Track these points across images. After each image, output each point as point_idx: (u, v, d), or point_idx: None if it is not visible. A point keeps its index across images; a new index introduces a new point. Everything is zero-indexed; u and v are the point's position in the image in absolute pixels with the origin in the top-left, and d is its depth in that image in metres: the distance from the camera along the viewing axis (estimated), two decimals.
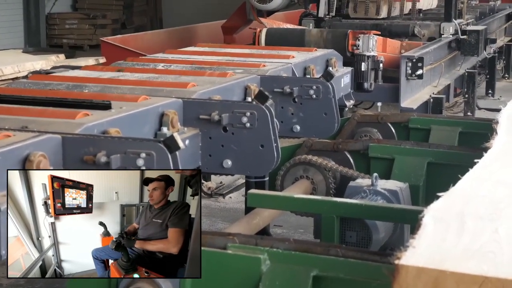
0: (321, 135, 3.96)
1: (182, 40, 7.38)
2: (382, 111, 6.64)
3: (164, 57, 4.53)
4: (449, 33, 7.20)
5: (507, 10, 11.61)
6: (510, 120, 3.48)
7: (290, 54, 4.61)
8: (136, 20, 17.60)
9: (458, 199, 2.30)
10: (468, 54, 7.40)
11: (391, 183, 3.36)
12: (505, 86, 11.41)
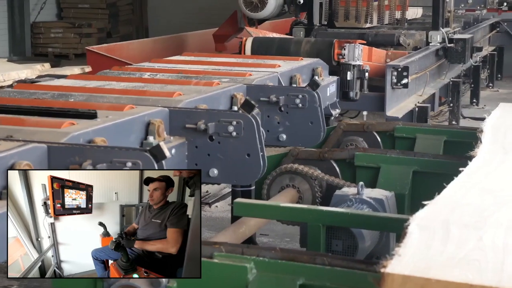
0: (307, 144, 3.97)
1: (168, 49, 7.38)
2: (368, 120, 6.66)
3: (150, 66, 4.53)
4: (436, 41, 7.33)
5: (490, 20, 11.70)
6: (495, 129, 3.50)
7: (276, 63, 4.62)
8: (121, 29, 17.58)
9: (443, 208, 2.31)
10: (455, 62, 7.55)
11: (376, 191, 3.37)
12: (489, 95, 11.47)
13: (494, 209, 2.29)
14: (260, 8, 7.20)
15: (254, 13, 7.24)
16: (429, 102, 6.89)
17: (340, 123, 4.46)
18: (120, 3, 17.56)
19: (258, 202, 3.37)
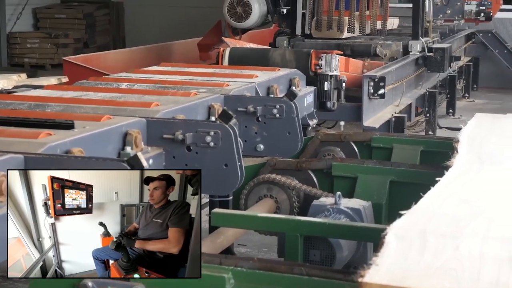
0: (284, 154, 3.97)
1: (145, 59, 7.37)
2: (345, 130, 6.68)
3: (127, 76, 4.52)
4: (416, 50, 7.44)
5: (466, 30, 11.80)
6: (471, 139, 3.53)
7: (253, 74, 4.63)
8: (98, 39, 17.53)
9: (420, 217, 2.32)
10: (434, 70, 7.68)
11: (354, 201, 3.38)
12: (465, 105, 11.56)
13: (470, 219, 2.31)
14: (245, 18, 7.28)
15: (239, 23, 7.32)
16: (406, 112, 6.93)
17: (317, 133, 4.47)
18: (97, 13, 17.51)
19: (236, 212, 3.36)
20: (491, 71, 13.30)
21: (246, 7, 7.27)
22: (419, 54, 7.46)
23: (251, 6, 7.27)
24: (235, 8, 7.30)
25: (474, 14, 10.93)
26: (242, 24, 7.33)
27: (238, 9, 7.29)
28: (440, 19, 10.82)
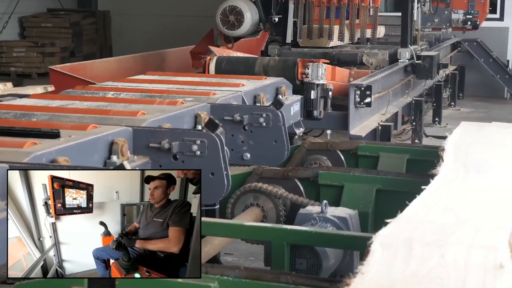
0: (271, 162, 3.98)
1: (132, 68, 7.37)
2: (332, 138, 6.70)
3: (113, 85, 4.51)
4: (405, 58, 7.60)
5: (452, 39, 11.86)
6: (456, 147, 3.54)
7: (240, 82, 4.63)
8: (85, 48, 17.49)
9: (405, 226, 2.33)
10: (423, 77, 7.85)
11: (340, 210, 3.38)
12: (451, 114, 11.60)
13: (455, 227, 2.31)
14: (237, 27, 7.40)
15: (231, 31, 7.44)
16: (392, 121, 6.96)
17: (304, 142, 4.47)
18: (83, 22, 17.48)
19: (223, 221, 3.36)
20: (477, 79, 13.36)
21: (238, 15, 7.39)
22: (408, 61, 7.60)
23: (243, 15, 7.40)
24: (227, 16, 7.41)
25: (461, 22, 11.01)
26: (234, 32, 7.45)
27: (231, 18, 7.40)
28: (428, 28, 10.89)
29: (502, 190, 2.86)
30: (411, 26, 7.93)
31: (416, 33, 8.36)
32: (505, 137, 3.79)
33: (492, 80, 13.00)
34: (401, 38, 7.86)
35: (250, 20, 7.46)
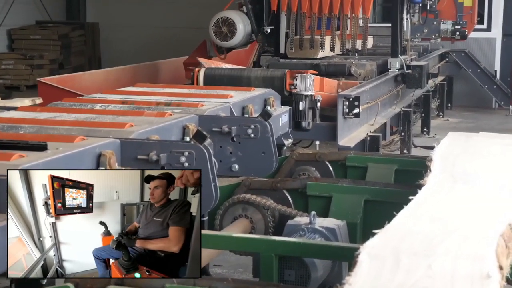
0: (259, 174, 3.98)
1: (120, 80, 7.36)
2: (321, 149, 6.70)
3: (101, 97, 4.51)
4: (395, 68, 7.76)
5: (440, 50, 11.91)
6: (444, 157, 3.56)
7: (228, 94, 4.64)
8: (74, 60, 17.47)
9: (393, 236, 2.33)
10: (413, 87, 8.02)
11: (328, 221, 3.39)
12: (439, 124, 11.64)
13: (443, 237, 2.32)
14: (230, 37, 7.48)
15: (224, 42, 7.53)
16: (381, 132, 6.97)
17: (292, 153, 4.48)
18: (72, 34, 17.46)
19: (211, 232, 3.36)
20: (465, 90, 13.43)
21: (231, 26, 7.47)
22: (398, 71, 7.74)
23: (236, 26, 7.47)
24: (220, 27, 7.48)
25: (450, 33, 11.10)
26: (227, 43, 7.53)
27: (224, 29, 7.48)
28: (417, 38, 10.97)
29: (489, 200, 2.87)
30: (401, 37, 8.06)
31: (406, 43, 8.54)
32: (492, 147, 3.80)
33: (480, 90, 13.06)
34: (391, 48, 8.00)
35: (242, 31, 7.55)
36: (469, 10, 11.21)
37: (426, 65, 8.15)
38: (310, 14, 7.59)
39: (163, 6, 17.31)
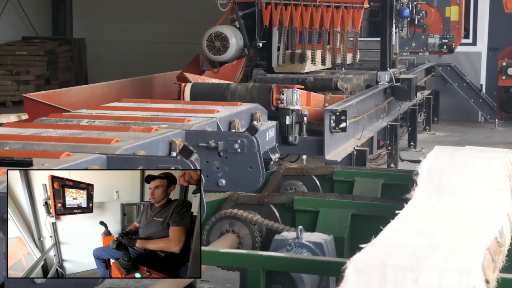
0: (246, 188, 3.97)
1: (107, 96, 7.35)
2: (308, 163, 6.71)
3: (88, 113, 4.50)
4: (385, 81, 7.95)
5: (426, 64, 11.97)
6: (430, 171, 3.56)
7: (215, 109, 4.64)
8: (60, 75, 17.44)
9: (379, 250, 2.33)
10: (402, 99, 8.21)
11: (316, 235, 3.38)
12: (426, 138, 11.68)
13: (429, 251, 2.32)
14: (223, 52, 7.61)
15: (217, 56, 7.65)
16: (368, 146, 6.99)
17: (279, 168, 4.48)
18: (58, 50, 17.44)
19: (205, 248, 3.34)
20: (451, 103, 13.49)
21: (224, 41, 7.59)
22: (388, 84, 7.93)
23: (229, 40, 7.60)
24: (213, 42, 7.61)
25: (438, 46, 11.21)
26: (220, 58, 7.65)
27: (216, 43, 7.60)
28: (406, 52, 11.07)
29: (475, 214, 2.88)
30: (390, 50, 8.22)
31: (395, 57, 8.68)
32: (478, 161, 3.81)
33: (466, 104, 13.12)
34: (381, 62, 8.15)
35: (235, 46, 7.67)
36: (456, 24, 11.30)
37: (414, 78, 8.32)
38: (301, 28, 7.73)
39: (149, 22, 17.33)
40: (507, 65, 8.64)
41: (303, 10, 7.70)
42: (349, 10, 7.81)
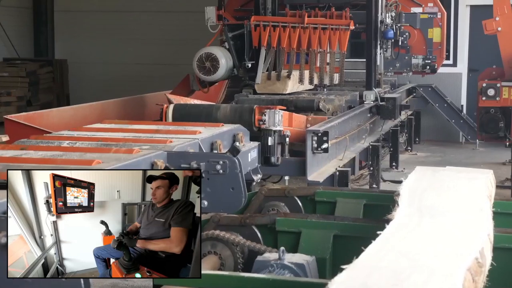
0: (228, 210, 3.97)
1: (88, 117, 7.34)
2: (290, 184, 6.71)
3: (69, 134, 4.48)
4: (370, 100, 8.24)
5: (407, 85, 12.05)
6: (411, 192, 3.58)
7: (197, 130, 4.64)
8: (42, 97, 17.39)
9: (361, 271, 2.33)
10: (386, 118, 8.49)
11: (298, 256, 3.38)
12: (408, 158, 11.72)
13: (410, 272, 2.32)
14: (213, 72, 7.91)
15: (208, 76, 7.97)
16: (350, 166, 7.00)
17: (261, 188, 4.48)
18: (40, 71, 17.40)
19: None
20: (432, 124, 13.57)
21: (214, 61, 7.90)
22: (373, 103, 8.20)
23: (219, 61, 7.91)
24: (203, 62, 7.89)
25: (421, 67, 11.34)
26: (211, 78, 7.99)
27: (207, 64, 7.89)
28: (390, 72, 11.21)
29: (455, 234, 2.89)
30: (375, 70, 8.48)
31: (380, 77, 8.93)
32: (458, 181, 3.83)
33: (447, 124, 13.20)
34: (366, 81, 8.42)
35: (225, 66, 7.98)
36: (438, 45, 11.45)
37: (399, 97, 8.61)
38: (289, 49, 8.00)
39: (132, 43, 17.34)
40: (487, 86, 8.71)
41: (291, 32, 7.93)
42: (335, 31, 8.03)
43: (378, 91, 8.40)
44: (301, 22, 8.14)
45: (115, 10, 17.39)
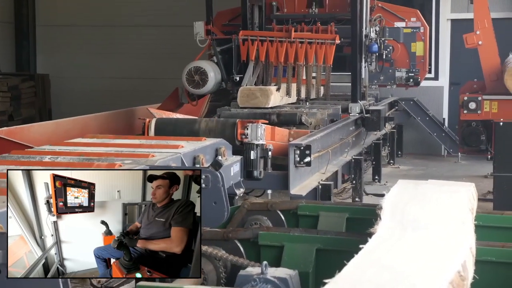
0: (211, 224, 3.95)
1: (70, 131, 7.31)
2: (273, 198, 6.71)
3: (51, 149, 4.46)
4: (355, 112, 8.44)
5: (389, 98, 12.10)
6: (393, 205, 3.58)
7: (179, 144, 4.63)
8: (24, 111, 17.30)
9: (343, 285, 2.33)
10: (371, 129, 8.69)
11: (280, 270, 3.36)
12: (391, 171, 11.76)
13: (392, 285, 2.32)
14: (202, 85, 8.12)
15: (197, 90, 8.17)
16: (332, 180, 7.01)
17: (244, 202, 4.47)
18: (22, 85, 17.31)
19: (162, 284, 3.31)
20: (415, 137, 13.63)
21: (203, 75, 8.09)
22: (358, 115, 8.39)
23: (208, 75, 8.10)
24: (193, 76, 8.08)
25: (404, 80, 11.45)
26: (199, 91, 8.19)
27: (196, 77, 8.08)
28: (375, 85, 11.32)
29: (438, 247, 2.89)
30: (360, 83, 8.71)
31: (365, 90, 9.12)
32: (440, 195, 3.84)
33: (429, 138, 13.26)
34: (352, 94, 8.64)
35: (213, 79, 8.18)
36: (421, 59, 11.57)
37: (383, 110, 8.88)
38: (276, 63, 8.19)
39: (116, 57, 17.30)
40: (469, 100, 8.75)
41: (278, 46, 8.07)
42: (321, 45, 8.16)
43: (363, 103, 8.56)
44: (288, 36, 8.34)
45: (99, 24, 17.35)
